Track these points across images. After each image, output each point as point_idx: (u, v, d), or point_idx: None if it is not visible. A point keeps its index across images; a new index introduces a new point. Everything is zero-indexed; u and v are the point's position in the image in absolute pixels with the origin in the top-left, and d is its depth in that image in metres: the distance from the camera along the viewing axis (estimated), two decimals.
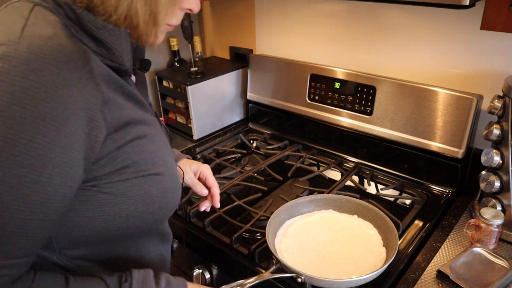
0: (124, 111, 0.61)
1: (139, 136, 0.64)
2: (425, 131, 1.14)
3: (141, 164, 0.64)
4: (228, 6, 1.62)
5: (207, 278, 1.03)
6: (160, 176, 0.66)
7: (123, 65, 0.62)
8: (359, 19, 1.26)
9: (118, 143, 0.60)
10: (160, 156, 0.68)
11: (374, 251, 0.88)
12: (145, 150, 0.65)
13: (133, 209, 0.63)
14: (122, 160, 0.61)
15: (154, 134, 0.68)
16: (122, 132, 0.60)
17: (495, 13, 0.75)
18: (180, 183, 0.77)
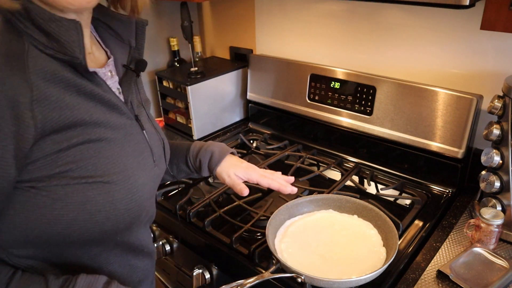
0: (70, 111, 0.58)
1: (92, 139, 0.61)
2: (425, 131, 1.14)
3: (88, 170, 0.60)
4: (228, 6, 1.62)
5: (207, 278, 1.03)
6: (110, 185, 0.62)
7: (75, 57, 0.58)
8: (359, 19, 1.26)
9: (60, 145, 0.57)
10: (117, 163, 0.63)
11: (374, 251, 0.88)
12: (97, 155, 0.61)
13: (74, 216, 0.60)
14: (64, 163, 0.58)
15: (120, 138, 0.65)
16: (66, 134, 0.58)
17: (495, 13, 0.75)
18: (144, 194, 0.69)
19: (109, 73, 0.71)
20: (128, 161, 0.66)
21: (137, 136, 0.70)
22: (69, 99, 0.58)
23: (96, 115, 0.61)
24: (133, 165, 0.67)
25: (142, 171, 0.69)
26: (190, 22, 1.41)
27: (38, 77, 0.55)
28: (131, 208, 0.66)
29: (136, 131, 0.70)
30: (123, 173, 0.64)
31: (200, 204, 1.10)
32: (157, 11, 1.58)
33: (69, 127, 0.58)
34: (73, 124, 0.58)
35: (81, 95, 0.60)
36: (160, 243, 1.13)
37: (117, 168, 0.63)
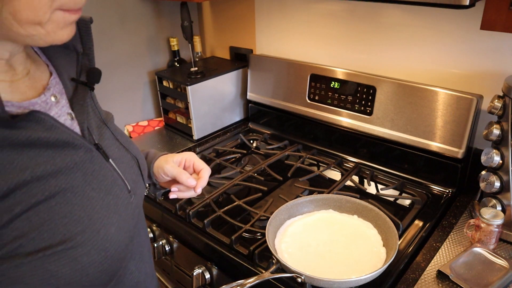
0: (9, 173, 0.45)
1: (40, 200, 0.48)
2: (425, 131, 1.14)
3: (43, 239, 0.47)
4: (228, 6, 1.62)
5: (207, 278, 1.03)
6: (75, 250, 0.50)
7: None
8: (359, 19, 1.26)
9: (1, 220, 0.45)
10: (80, 218, 0.51)
11: (374, 251, 0.88)
12: (51, 217, 0.48)
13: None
14: (10, 241, 0.45)
15: (78, 184, 0.52)
16: (6, 204, 0.45)
17: (495, 13, 0.75)
18: (120, 243, 0.56)
19: (52, 98, 0.55)
20: (93, 210, 0.53)
21: (101, 170, 0.56)
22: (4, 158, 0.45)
23: (40, 167, 0.48)
24: (100, 213, 0.53)
25: (114, 214, 0.56)
26: (190, 22, 1.41)
27: None
28: (107, 268, 0.54)
29: (98, 164, 0.57)
30: (89, 229, 0.51)
31: (200, 204, 1.10)
32: (157, 11, 1.58)
33: (6, 195, 0.45)
34: (11, 191, 0.45)
35: (15, 148, 0.46)
36: (160, 243, 1.13)
37: (80, 225, 0.51)
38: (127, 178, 0.62)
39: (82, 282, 0.51)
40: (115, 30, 1.47)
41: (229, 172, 1.27)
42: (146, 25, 1.56)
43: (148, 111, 1.67)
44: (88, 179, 0.54)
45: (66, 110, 0.57)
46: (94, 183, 0.54)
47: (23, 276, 0.47)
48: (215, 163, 1.32)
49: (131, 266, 0.64)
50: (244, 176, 1.22)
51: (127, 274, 0.63)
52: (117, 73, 1.52)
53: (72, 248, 0.50)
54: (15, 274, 0.46)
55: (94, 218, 0.53)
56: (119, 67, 1.52)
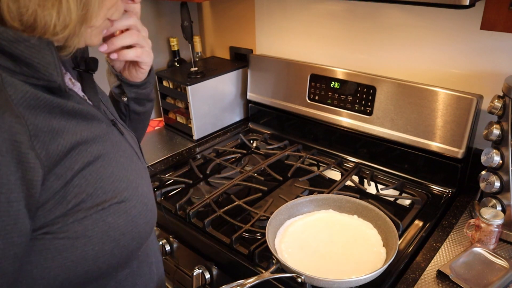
0: (65, 136, 0.52)
1: (91, 161, 0.55)
2: (425, 131, 1.14)
3: (99, 195, 0.55)
4: (228, 6, 1.62)
5: (207, 278, 1.03)
6: (125, 203, 0.58)
7: (53, 81, 0.51)
8: (359, 19, 1.26)
9: (64, 179, 0.51)
10: (121, 178, 0.58)
11: (374, 251, 0.88)
12: (101, 177, 0.56)
13: (99, 248, 0.55)
14: (74, 196, 0.52)
15: (111, 151, 0.59)
16: (67, 163, 0.51)
17: (495, 13, 0.75)
18: (152, 200, 0.66)
19: (70, 82, 0.63)
20: (128, 172, 0.60)
21: (122, 142, 0.64)
22: (56, 124, 0.51)
23: (83, 133, 0.55)
24: (133, 175, 0.62)
25: (141, 179, 0.64)
26: (190, 22, 1.41)
27: (24, 107, 0.47)
28: (149, 220, 0.63)
29: (118, 137, 0.64)
30: (131, 187, 0.60)
31: (200, 204, 1.10)
32: (157, 11, 1.58)
33: (66, 155, 0.51)
34: (68, 151, 0.52)
35: (64, 115, 0.53)
36: (160, 243, 1.13)
37: (124, 183, 0.58)
38: (136, 150, 0.70)
39: (132, 233, 0.59)
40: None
41: (229, 172, 1.27)
42: (146, 25, 1.53)
43: None
44: (116, 147, 0.61)
45: (81, 93, 0.65)
46: (121, 152, 0.61)
47: (86, 231, 0.53)
48: (215, 163, 1.32)
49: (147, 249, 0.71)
50: (244, 176, 1.22)
51: (152, 239, 0.73)
52: None
53: (122, 202, 0.57)
54: (79, 229, 0.52)
55: (131, 178, 0.60)
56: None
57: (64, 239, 0.52)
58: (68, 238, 0.52)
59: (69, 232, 0.52)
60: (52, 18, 0.48)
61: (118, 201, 0.57)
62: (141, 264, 0.68)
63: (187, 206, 1.10)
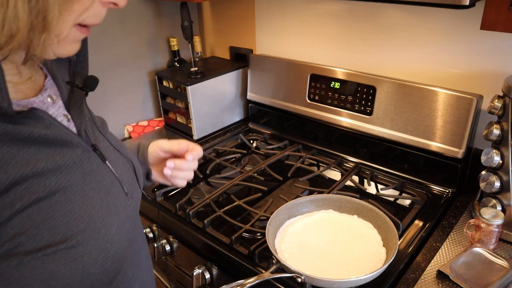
0: (6, 170, 0.45)
1: (42, 197, 0.47)
2: (425, 131, 1.14)
3: (44, 238, 0.46)
4: (228, 6, 1.62)
5: (207, 278, 1.03)
6: (76, 249, 0.49)
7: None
8: (359, 19, 1.26)
9: (0, 217, 0.44)
10: (79, 217, 0.50)
11: (374, 251, 0.88)
12: (52, 215, 0.47)
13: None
14: (10, 238, 0.44)
15: (79, 181, 0.52)
16: (7, 200, 0.44)
17: (495, 13, 0.75)
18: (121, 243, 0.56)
19: (49, 99, 0.56)
20: (93, 209, 0.52)
21: (99, 171, 0.56)
22: (6, 153, 0.45)
23: (41, 163, 0.48)
24: (101, 212, 0.53)
25: (114, 215, 0.55)
26: (190, 22, 1.41)
27: None
28: (108, 268, 0.54)
29: (96, 164, 0.56)
30: (90, 228, 0.51)
31: (200, 204, 1.10)
32: (157, 11, 1.58)
33: (7, 190, 0.44)
34: (12, 185, 0.45)
35: (17, 143, 0.46)
36: (160, 243, 1.13)
37: (81, 224, 0.50)
38: (124, 181, 0.62)
39: (82, 284, 0.51)
40: (115, 30, 1.47)
41: (229, 172, 1.27)
42: (146, 25, 1.56)
43: (148, 111, 1.67)
44: (87, 178, 0.54)
45: (62, 111, 0.58)
46: (93, 183, 0.54)
47: (22, 277, 0.45)
48: (215, 163, 1.32)
49: (128, 272, 0.63)
50: (244, 176, 1.22)
51: (125, 281, 0.62)
52: (117, 73, 1.52)
53: (73, 247, 0.49)
54: (13, 275, 0.45)
55: (94, 217, 0.52)
56: (119, 67, 1.52)
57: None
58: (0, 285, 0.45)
59: (2, 278, 0.45)
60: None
61: (67, 246, 0.48)
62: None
63: (187, 206, 1.10)
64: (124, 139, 1.58)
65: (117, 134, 1.57)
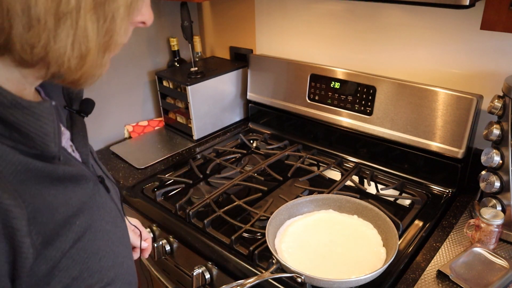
0: (56, 211, 0.44)
1: (79, 236, 0.46)
2: (425, 131, 1.14)
3: (84, 279, 0.46)
4: (228, 6, 1.62)
5: (207, 278, 1.03)
6: (111, 286, 0.49)
7: (49, 152, 0.43)
8: (359, 19, 1.26)
9: (52, 262, 0.43)
10: (108, 253, 0.50)
11: (374, 251, 0.88)
12: (87, 256, 0.47)
13: None
14: (58, 282, 0.43)
15: (97, 217, 0.50)
16: (57, 243, 0.43)
17: (495, 13, 0.75)
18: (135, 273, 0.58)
19: None
20: (113, 244, 0.52)
21: (107, 202, 0.55)
22: (48, 198, 0.43)
23: (73, 201, 0.47)
24: (118, 246, 0.53)
25: (125, 247, 0.55)
26: (190, 22, 1.41)
27: (17, 182, 0.40)
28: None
29: (104, 197, 0.55)
30: (116, 264, 0.51)
31: (200, 204, 1.10)
32: (157, 11, 1.58)
33: (58, 234, 0.44)
34: (60, 228, 0.44)
35: (54, 183, 0.45)
36: (160, 243, 1.13)
37: (110, 260, 0.50)
38: (119, 207, 0.61)
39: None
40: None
41: (229, 172, 1.27)
42: None
43: (148, 111, 1.67)
44: (101, 213, 0.52)
45: (69, 142, 0.55)
46: (107, 217, 0.53)
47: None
48: (215, 163, 1.32)
49: None
50: (244, 176, 1.22)
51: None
52: (117, 73, 1.52)
53: (108, 284, 0.49)
54: None
55: (116, 252, 0.52)
56: (119, 67, 1.52)
57: None
58: None
59: None
60: (66, 51, 0.39)
61: (104, 284, 0.48)
62: None
63: (187, 206, 1.10)
64: (124, 139, 1.58)
65: (117, 134, 1.58)
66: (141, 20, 0.49)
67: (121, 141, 1.55)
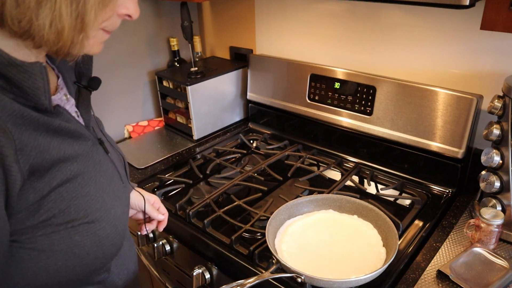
0: (48, 153, 0.54)
1: (69, 178, 0.57)
2: (425, 131, 1.14)
3: (71, 213, 0.56)
4: (228, 6, 1.62)
5: (207, 278, 1.03)
6: (95, 224, 0.59)
7: (40, 104, 0.54)
8: (359, 19, 1.26)
9: (41, 193, 0.54)
10: (96, 199, 0.60)
11: (374, 251, 0.88)
12: (76, 195, 0.57)
13: (62, 264, 0.57)
14: (47, 211, 0.54)
15: (91, 170, 0.61)
16: (46, 178, 0.54)
17: (495, 13, 0.75)
18: (124, 223, 0.68)
19: (64, 97, 0.65)
20: (104, 193, 0.62)
21: (104, 162, 0.66)
22: (41, 140, 0.54)
23: (67, 151, 0.57)
24: (109, 196, 0.63)
25: (117, 200, 0.65)
26: (190, 22, 1.41)
27: (11, 123, 0.50)
28: (116, 242, 0.65)
29: (102, 157, 0.66)
30: (104, 208, 0.61)
31: (200, 204, 1.10)
32: (157, 11, 1.58)
33: (48, 170, 0.54)
34: (51, 166, 0.55)
35: (50, 132, 0.56)
36: (160, 243, 1.13)
37: (97, 204, 0.60)
38: (120, 172, 0.72)
39: (97, 253, 0.61)
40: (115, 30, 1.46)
41: (229, 172, 1.27)
42: (146, 25, 1.56)
43: (148, 111, 1.67)
44: (97, 167, 0.63)
45: (74, 108, 0.66)
46: (102, 172, 0.63)
47: (51, 245, 0.55)
48: (215, 163, 1.32)
49: (125, 246, 0.76)
50: (244, 176, 1.22)
51: (124, 252, 0.75)
52: (117, 73, 1.52)
53: (92, 222, 0.59)
54: (45, 242, 0.54)
55: (106, 200, 0.62)
56: (119, 67, 1.52)
57: (30, 250, 0.54)
58: (33, 250, 0.54)
59: (36, 244, 0.54)
60: (45, 27, 0.49)
61: (89, 221, 0.58)
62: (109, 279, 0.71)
63: (187, 206, 1.10)
64: (124, 139, 1.58)
65: (117, 134, 1.58)
66: (125, 13, 0.58)
67: (121, 141, 1.55)
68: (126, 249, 0.78)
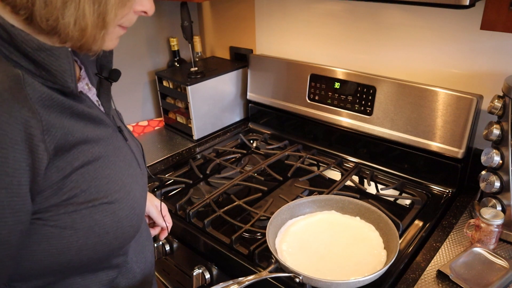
0: (71, 135, 0.58)
1: (90, 160, 0.60)
2: (425, 131, 1.14)
3: (92, 193, 0.60)
4: (228, 6, 1.62)
5: (207, 278, 1.03)
6: (115, 204, 0.62)
7: (67, 87, 0.58)
8: (359, 19, 1.26)
9: (64, 172, 0.57)
10: (115, 181, 0.63)
11: (374, 253, 0.88)
12: (97, 176, 0.61)
13: (83, 242, 0.60)
14: (69, 190, 0.57)
15: (111, 154, 0.65)
16: (69, 158, 0.57)
17: (495, 13, 0.75)
18: (142, 206, 0.71)
19: (86, 87, 0.69)
20: (123, 176, 0.65)
21: (124, 148, 0.69)
22: (66, 123, 0.58)
23: (90, 134, 0.61)
24: (128, 180, 0.66)
25: (136, 184, 0.69)
26: (190, 22, 1.41)
27: (39, 105, 0.54)
28: (135, 224, 0.68)
29: (121, 143, 0.70)
30: (123, 190, 0.64)
31: (200, 204, 1.10)
32: (157, 11, 1.58)
33: (69, 151, 0.57)
34: (72, 148, 0.58)
35: (74, 116, 0.59)
36: (160, 243, 1.13)
37: (117, 186, 0.63)
38: (138, 159, 0.75)
39: (116, 233, 0.64)
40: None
41: (229, 172, 1.27)
42: (146, 25, 1.56)
43: (148, 111, 1.67)
44: (117, 152, 0.66)
45: (95, 97, 0.70)
46: (121, 157, 0.67)
47: (73, 223, 0.58)
48: (215, 163, 1.32)
49: (144, 232, 0.79)
50: (244, 176, 1.22)
51: (142, 237, 0.78)
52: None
53: (112, 203, 0.62)
54: (67, 220, 0.57)
55: (125, 182, 0.65)
56: (119, 67, 1.50)
57: (53, 227, 0.57)
58: (56, 227, 0.57)
59: (59, 222, 0.57)
60: (70, 25, 0.53)
61: (109, 201, 0.61)
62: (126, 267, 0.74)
63: (187, 206, 1.10)
64: None
65: None
66: (141, 9, 0.61)
67: None
68: (144, 238, 0.81)
